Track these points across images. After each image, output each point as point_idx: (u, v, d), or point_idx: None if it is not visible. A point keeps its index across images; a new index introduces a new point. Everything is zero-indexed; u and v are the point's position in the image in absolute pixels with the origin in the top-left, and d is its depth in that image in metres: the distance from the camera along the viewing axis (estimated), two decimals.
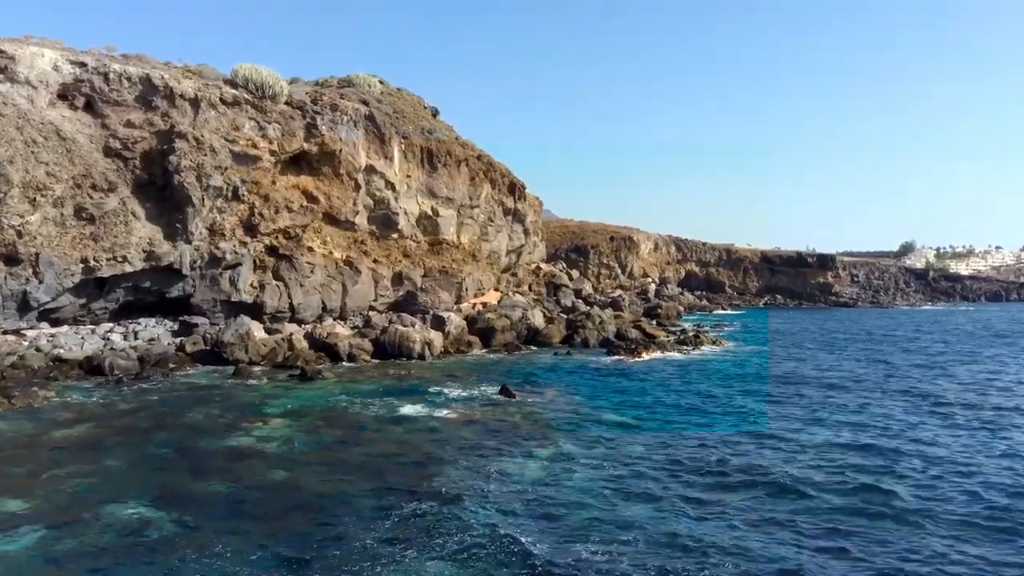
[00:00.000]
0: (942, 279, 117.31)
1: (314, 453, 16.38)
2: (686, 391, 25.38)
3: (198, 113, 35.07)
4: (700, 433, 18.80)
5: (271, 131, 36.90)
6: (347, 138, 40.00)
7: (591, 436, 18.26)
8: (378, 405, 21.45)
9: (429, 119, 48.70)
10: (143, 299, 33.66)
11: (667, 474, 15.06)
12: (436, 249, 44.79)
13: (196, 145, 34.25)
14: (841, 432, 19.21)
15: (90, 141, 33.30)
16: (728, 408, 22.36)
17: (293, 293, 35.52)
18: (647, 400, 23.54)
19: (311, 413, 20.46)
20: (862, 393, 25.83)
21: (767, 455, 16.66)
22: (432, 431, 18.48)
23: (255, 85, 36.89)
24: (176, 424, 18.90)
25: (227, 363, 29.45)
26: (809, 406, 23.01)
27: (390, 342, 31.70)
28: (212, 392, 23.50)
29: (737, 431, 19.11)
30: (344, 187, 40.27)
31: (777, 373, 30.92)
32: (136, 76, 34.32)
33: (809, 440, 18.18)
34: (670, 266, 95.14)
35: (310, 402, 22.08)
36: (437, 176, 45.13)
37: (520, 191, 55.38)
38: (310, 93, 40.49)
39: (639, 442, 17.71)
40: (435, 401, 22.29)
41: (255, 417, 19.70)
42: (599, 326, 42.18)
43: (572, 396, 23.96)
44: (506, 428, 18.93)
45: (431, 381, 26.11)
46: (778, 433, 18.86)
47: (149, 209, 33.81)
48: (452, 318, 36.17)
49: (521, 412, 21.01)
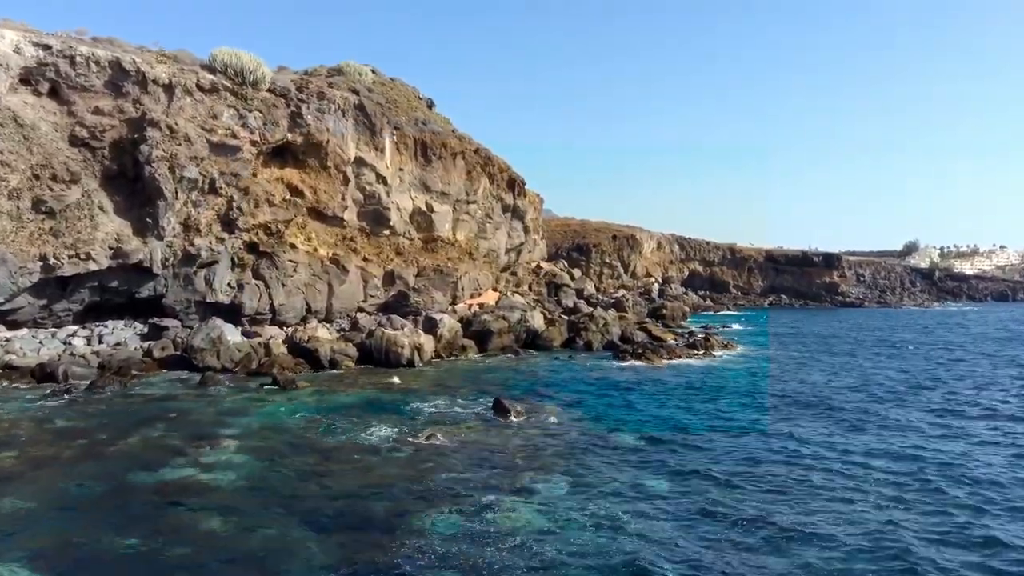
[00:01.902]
0: (948, 279, 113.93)
1: (264, 491, 13.26)
2: (708, 407, 22.12)
3: (172, 100, 31.93)
4: (735, 467, 15.60)
5: (252, 120, 33.74)
6: (335, 128, 36.85)
7: (600, 467, 15.11)
8: (352, 425, 18.30)
9: (424, 110, 45.51)
10: (111, 300, 30.56)
11: (699, 526, 11.93)
12: (430, 247, 41.65)
13: (169, 134, 31.12)
14: (928, 474, 15.22)
15: (55, 129, 30.17)
16: (763, 429, 19.16)
17: (274, 293, 32.39)
18: (664, 416, 20.31)
19: (273, 435, 17.33)
20: (934, 416, 21.72)
21: (833, 505, 13.47)
22: (410, 461, 15.33)
23: (235, 71, 33.74)
24: (109, 449, 15.80)
25: (197, 370, 26.38)
26: (857, 424, 19.85)
27: (376, 347, 28.56)
28: (168, 406, 20.38)
29: (782, 463, 15.92)
30: (332, 180, 37.14)
31: (815, 382, 27.77)
32: (105, 60, 31.16)
33: (876, 475, 15.01)
34: (673, 265, 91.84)
35: (276, 419, 18.95)
36: (432, 170, 41.95)
37: (520, 187, 52.21)
38: (295, 81, 37.33)
39: (661, 476, 14.56)
40: (418, 420, 19.12)
41: (206, 439, 16.58)
42: (603, 328, 39.02)
43: (576, 412, 20.79)
44: (499, 456, 15.78)
45: (417, 393, 22.96)
46: (837, 467, 15.64)
47: (118, 203, 30.71)
48: (445, 320, 33.02)
49: (517, 434, 17.87)
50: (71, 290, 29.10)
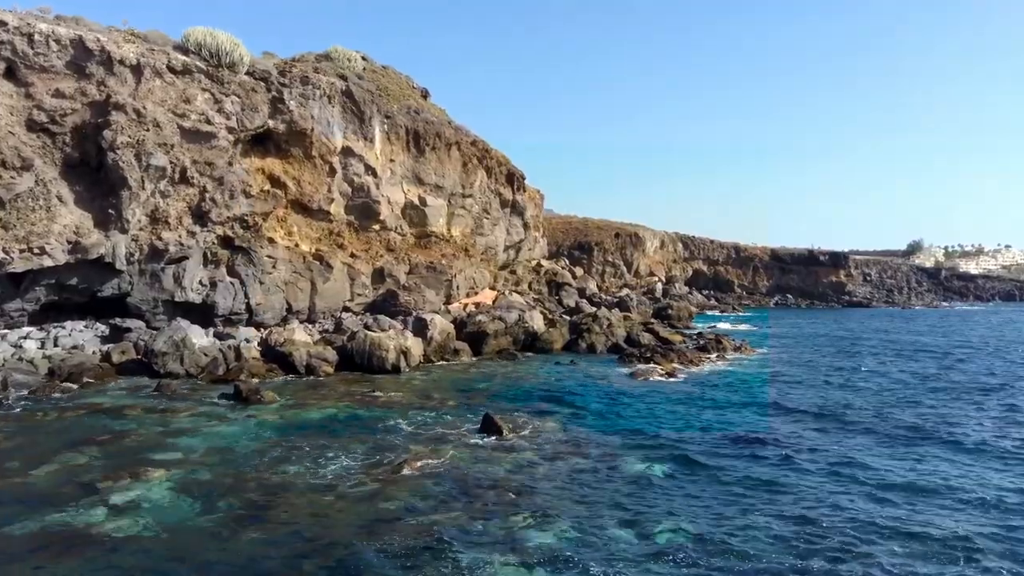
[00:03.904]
0: (954, 278, 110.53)
1: (174, 547, 10.09)
2: (741, 418, 18.93)
3: (140, 82, 28.74)
4: (792, 509, 12.45)
5: (229, 105, 30.59)
6: (320, 116, 33.71)
7: (612, 508, 11.96)
8: (314, 449, 15.13)
9: (418, 99, 42.33)
10: (71, 299, 27.48)
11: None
12: (423, 242, 38.51)
13: (136, 118, 27.98)
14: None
15: (11, 113, 26.95)
16: (812, 453, 15.99)
17: (251, 292, 29.26)
18: (687, 435, 17.09)
19: (216, 463, 14.17)
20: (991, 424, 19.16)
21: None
22: (374, 501, 12.15)
23: (210, 52, 30.54)
24: (13, 481, 12.67)
25: (158, 376, 23.29)
26: (929, 431, 16.68)
27: (358, 351, 25.41)
28: (105, 423, 17.24)
29: (848, 502, 12.77)
30: (317, 171, 34.01)
31: (865, 392, 24.60)
32: (67, 39, 27.99)
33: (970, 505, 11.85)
34: (676, 264, 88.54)
35: (227, 441, 15.81)
36: (425, 161, 38.78)
37: (519, 181, 49.04)
38: (278, 65, 34.20)
39: (699, 518, 11.40)
40: (394, 442, 15.93)
41: (137, 467, 13.44)
42: (607, 330, 35.83)
43: (581, 429, 17.61)
44: (485, 492, 12.59)
45: (398, 407, 19.77)
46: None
47: (79, 193, 27.60)
48: (436, 321, 29.85)
49: (510, 460, 14.70)
50: (25, 288, 26.00)
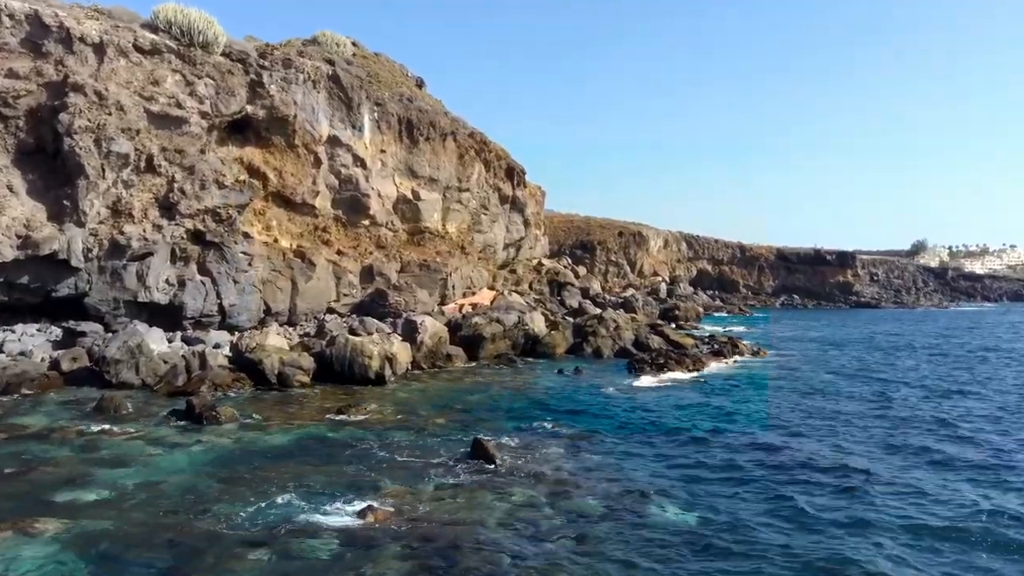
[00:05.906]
0: (961, 278, 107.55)
1: None
2: (781, 441, 16.00)
3: (103, 62, 25.84)
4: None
5: (202, 88, 27.66)
6: (303, 102, 30.75)
7: (636, 572, 9.02)
8: (265, 488, 12.12)
9: (412, 88, 39.38)
10: (23, 300, 24.56)
11: None
12: (417, 239, 35.57)
13: (97, 100, 25.08)
14: None
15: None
16: (881, 482, 13.03)
17: (223, 292, 26.31)
18: (719, 462, 14.17)
19: (142, 504, 11.19)
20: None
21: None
22: (326, 565, 9.21)
23: (181, 30, 27.60)
24: None
25: (111, 386, 20.37)
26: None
27: (338, 357, 22.43)
28: (27, 447, 14.25)
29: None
30: (300, 162, 31.08)
31: (916, 402, 21.63)
32: (22, 13, 25.08)
33: None
34: (681, 264, 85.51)
35: (164, 474, 12.83)
36: (418, 152, 35.82)
37: (520, 176, 46.05)
38: (258, 47, 31.25)
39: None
40: (364, 475, 12.93)
41: (26, 516, 10.45)
42: (614, 332, 32.86)
43: (589, 456, 14.65)
44: (467, 551, 9.63)
45: (376, 427, 16.74)
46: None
47: (33, 183, 24.73)
48: (427, 324, 26.89)
49: (503, 499, 11.74)
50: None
